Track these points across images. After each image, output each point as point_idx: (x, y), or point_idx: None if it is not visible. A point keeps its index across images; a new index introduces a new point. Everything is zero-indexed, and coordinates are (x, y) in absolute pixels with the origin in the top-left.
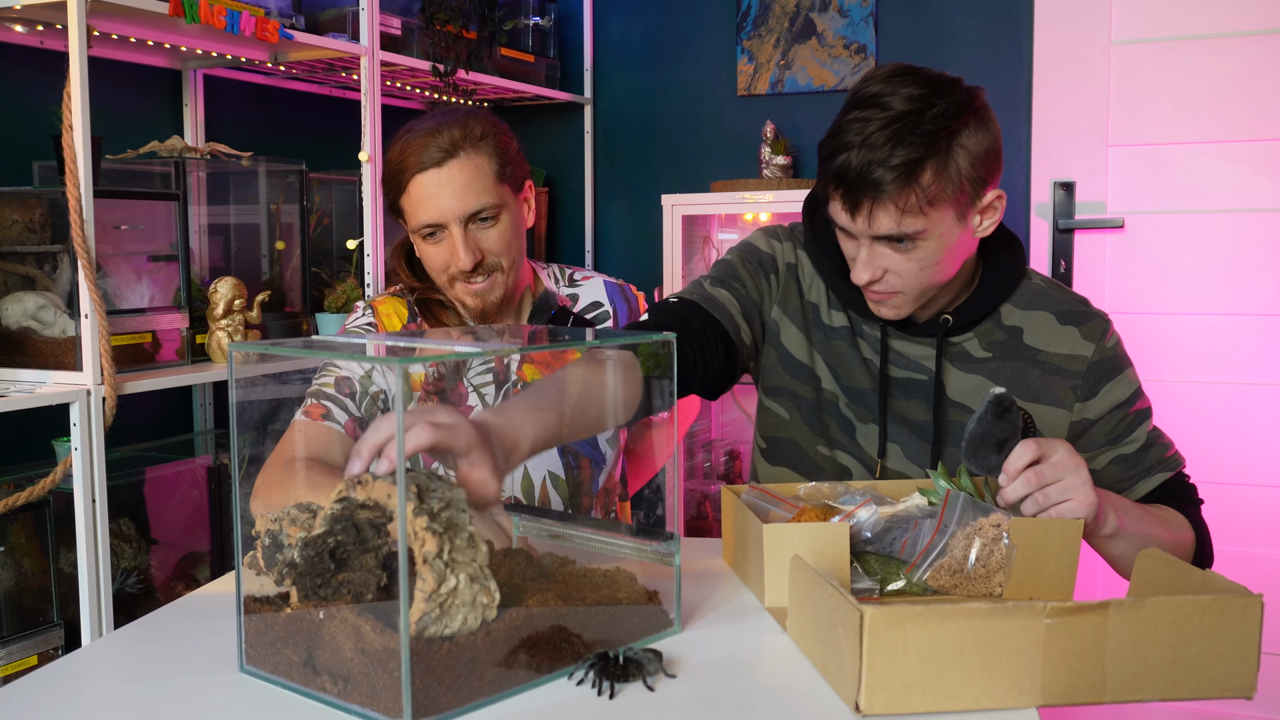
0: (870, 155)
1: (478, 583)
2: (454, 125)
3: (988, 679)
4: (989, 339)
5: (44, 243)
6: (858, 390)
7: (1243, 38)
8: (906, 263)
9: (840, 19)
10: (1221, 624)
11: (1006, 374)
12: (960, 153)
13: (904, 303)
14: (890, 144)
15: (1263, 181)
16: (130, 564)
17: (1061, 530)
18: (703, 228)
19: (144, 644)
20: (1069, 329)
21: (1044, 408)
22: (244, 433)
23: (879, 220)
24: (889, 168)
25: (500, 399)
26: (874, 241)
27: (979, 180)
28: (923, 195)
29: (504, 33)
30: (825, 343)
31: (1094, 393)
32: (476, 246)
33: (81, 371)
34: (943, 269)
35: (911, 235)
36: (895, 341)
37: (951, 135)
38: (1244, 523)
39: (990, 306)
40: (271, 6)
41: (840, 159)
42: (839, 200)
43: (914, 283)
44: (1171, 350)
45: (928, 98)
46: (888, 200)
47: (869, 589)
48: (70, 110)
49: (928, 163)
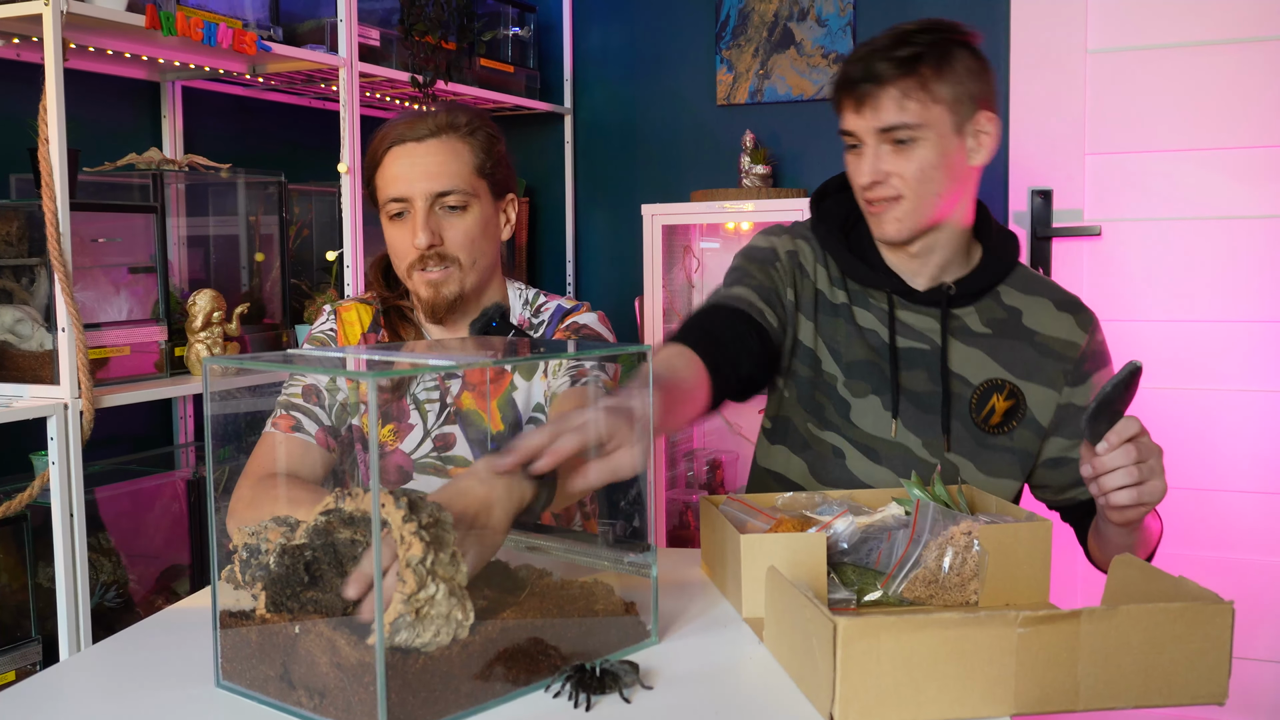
0: (874, 54)
1: (456, 598)
2: (445, 111)
3: (961, 688)
4: (989, 316)
5: (21, 256)
6: (856, 364)
7: (1219, 46)
8: (907, 163)
9: (818, 28)
10: (1193, 631)
11: (1004, 351)
12: (957, 62)
13: (906, 213)
14: (893, 44)
15: (1239, 189)
16: (109, 578)
17: (1031, 534)
18: (683, 237)
19: (121, 659)
20: (1065, 316)
21: (1036, 387)
22: (220, 446)
23: (883, 107)
24: (891, 59)
25: (440, 419)
26: (879, 140)
27: (973, 97)
28: (921, 85)
29: (483, 43)
30: (829, 323)
31: (1082, 380)
32: (438, 230)
33: (59, 385)
34: (940, 180)
35: (912, 127)
36: (900, 312)
37: (949, 45)
38: (1221, 528)
39: (990, 281)
40: (249, 18)
41: (847, 66)
42: (848, 99)
43: (914, 187)
44: (1149, 357)
45: (931, 22)
46: (890, 86)
47: (846, 599)
48: (46, 124)
49: (928, 58)
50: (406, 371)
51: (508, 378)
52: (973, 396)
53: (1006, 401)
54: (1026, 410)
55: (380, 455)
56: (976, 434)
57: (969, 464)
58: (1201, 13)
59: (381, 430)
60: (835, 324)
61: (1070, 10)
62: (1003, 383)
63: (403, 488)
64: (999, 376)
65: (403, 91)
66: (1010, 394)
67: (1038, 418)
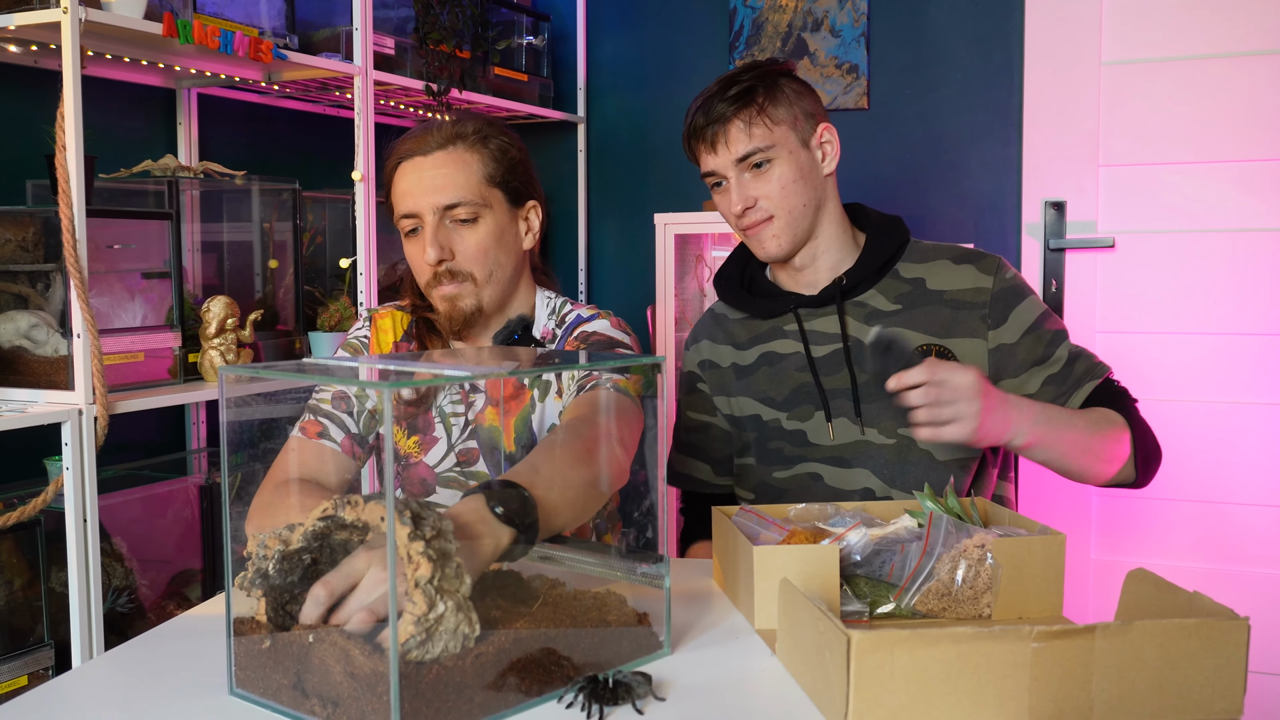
0: (710, 100)
1: (463, 612)
2: (455, 122)
3: (974, 703)
4: (895, 292)
5: (37, 261)
6: (791, 395)
7: (1232, 59)
8: (769, 184)
9: (832, 39)
10: (1208, 647)
11: (920, 318)
12: (785, 86)
13: (781, 229)
14: (723, 87)
15: (1252, 201)
16: (121, 583)
17: (1044, 547)
18: (695, 246)
19: (134, 665)
20: (966, 267)
21: (960, 340)
22: (234, 454)
23: (734, 140)
24: (727, 99)
25: (464, 433)
26: (738, 173)
27: (808, 114)
28: (760, 111)
29: (497, 52)
30: (747, 385)
31: (1004, 318)
32: (448, 245)
33: (73, 391)
34: (802, 191)
35: (764, 149)
36: (809, 322)
37: (772, 75)
38: (1234, 542)
39: (881, 261)
40: (265, 27)
41: (691, 118)
42: (703, 147)
43: (781, 203)
44: (1162, 369)
45: (749, 65)
46: (734, 119)
47: (859, 612)
48: (63, 130)
49: (758, 89)
50: (409, 383)
51: (527, 396)
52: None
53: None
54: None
55: (405, 467)
56: None
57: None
58: (1215, 26)
59: (407, 442)
60: (753, 379)
61: (1084, 23)
62: (929, 347)
63: (403, 498)
64: (923, 343)
65: (417, 100)
66: (940, 354)
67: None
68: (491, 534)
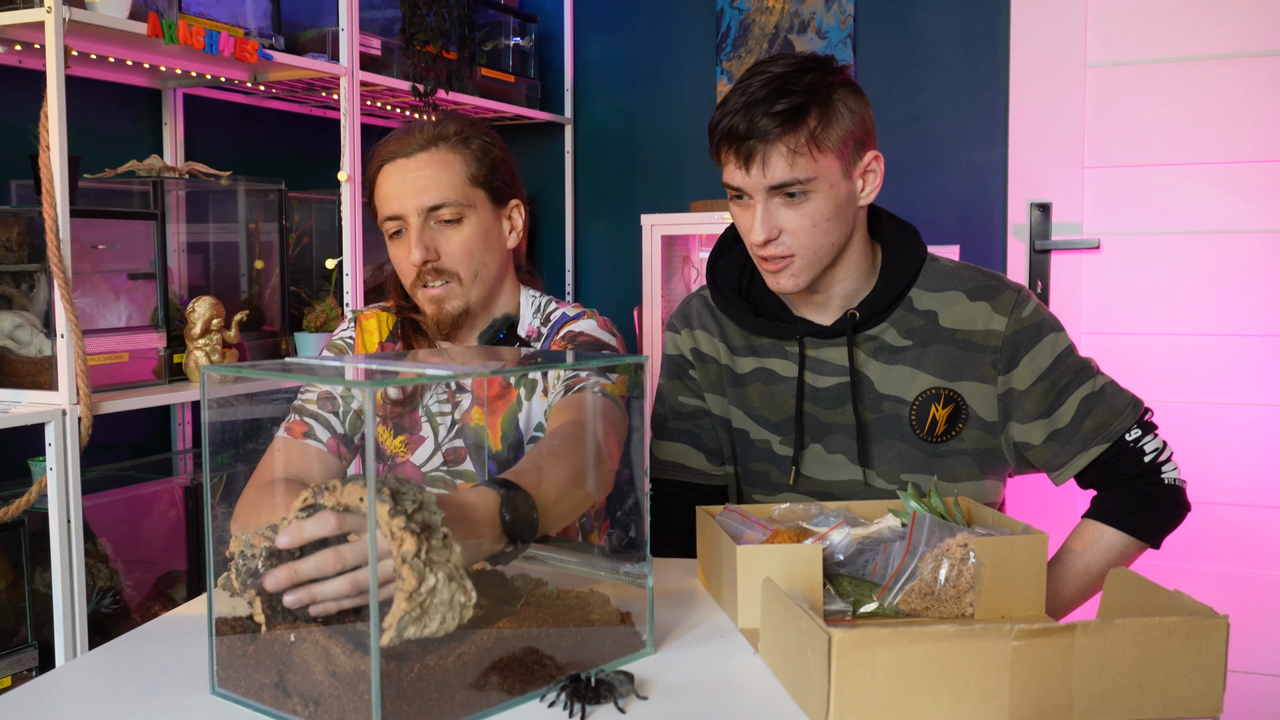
0: (756, 107)
1: (455, 581)
2: (437, 124)
3: (955, 701)
4: (906, 326)
5: (21, 262)
6: (787, 419)
7: (1218, 60)
8: (800, 219)
9: (819, 40)
10: (1188, 645)
11: (930, 358)
12: (840, 105)
13: (801, 269)
14: (773, 95)
15: (1238, 203)
16: (106, 584)
17: (1027, 546)
18: (683, 248)
19: (117, 665)
20: (980, 305)
21: (970, 385)
22: (218, 455)
23: (772, 166)
24: (775, 114)
25: (451, 433)
26: (768, 197)
27: (859, 141)
28: (810, 139)
29: (484, 53)
30: (740, 397)
31: (1015, 363)
32: (433, 246)
33: (57, 391)
34: (834, 229)
35: (803, 182)
36: (812, 351)
37: (830, 89)
38: (1219, 542)
39: (896, 292)
40: (251, 27)
41: (728, 119)
42: (732, 158)
43: (808, 242)
44: (1148, 371)
45: (804, 62)
46: (778, 142)
47: (842, 611)
48: (47, 130)
49: (812, 108)
50: (392, 382)
51: (513, 395)
52: (911, 413)
53: (945, 409)
54: (969, 410)
55: (391, 466)
56: (926, 448)
57: (927, 480)
58: (1201, 27)
59: (393, 441)
60: (746, 392)
61: (1070, 24)
62: (937, 391)
63: (380, 475)
64: (931, 386)
65: (404, 101)
66: (948, 400)
67: (982, 415)
68: (492, 538)
